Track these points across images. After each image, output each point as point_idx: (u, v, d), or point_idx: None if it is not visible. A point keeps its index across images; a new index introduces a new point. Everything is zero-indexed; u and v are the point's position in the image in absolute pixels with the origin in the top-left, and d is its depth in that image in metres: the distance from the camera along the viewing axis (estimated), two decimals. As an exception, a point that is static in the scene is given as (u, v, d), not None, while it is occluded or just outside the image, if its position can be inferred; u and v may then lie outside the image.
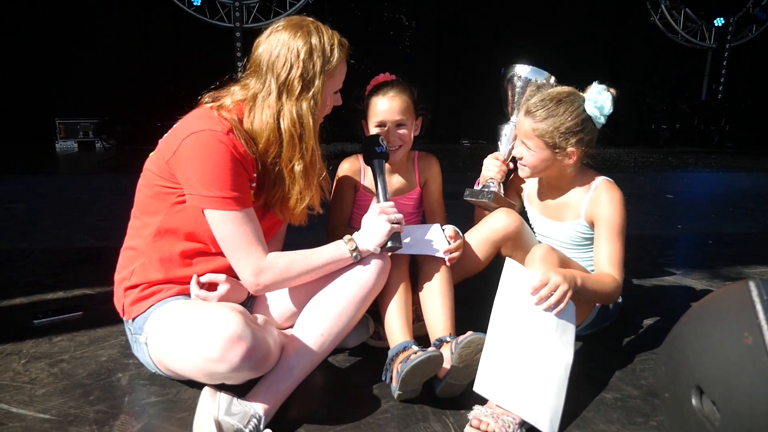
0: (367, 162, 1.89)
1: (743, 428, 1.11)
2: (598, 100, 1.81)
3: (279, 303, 1.76)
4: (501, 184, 2.04)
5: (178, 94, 7.22)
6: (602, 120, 1.85)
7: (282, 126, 1.55)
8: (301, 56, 1.53)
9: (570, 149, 1.83)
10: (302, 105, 1.55)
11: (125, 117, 8.04)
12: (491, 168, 2.03)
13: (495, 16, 9.31)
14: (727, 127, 10.34)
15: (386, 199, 1.75)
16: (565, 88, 1.88)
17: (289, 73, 1.53)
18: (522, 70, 2.09)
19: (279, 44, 1.55)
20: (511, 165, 2.03)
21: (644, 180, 6.40)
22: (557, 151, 1.84)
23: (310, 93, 1.55)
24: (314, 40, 1.55)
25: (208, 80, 1.70)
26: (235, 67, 8.18)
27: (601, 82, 1.85)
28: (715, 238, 3.75)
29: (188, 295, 1.63)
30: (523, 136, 1.88)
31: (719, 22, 10.31)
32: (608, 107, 1.82)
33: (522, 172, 1.95)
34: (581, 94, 1.86)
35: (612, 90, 1.84)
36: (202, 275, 1.63)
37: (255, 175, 1.60)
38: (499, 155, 2.03)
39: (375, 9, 8.98)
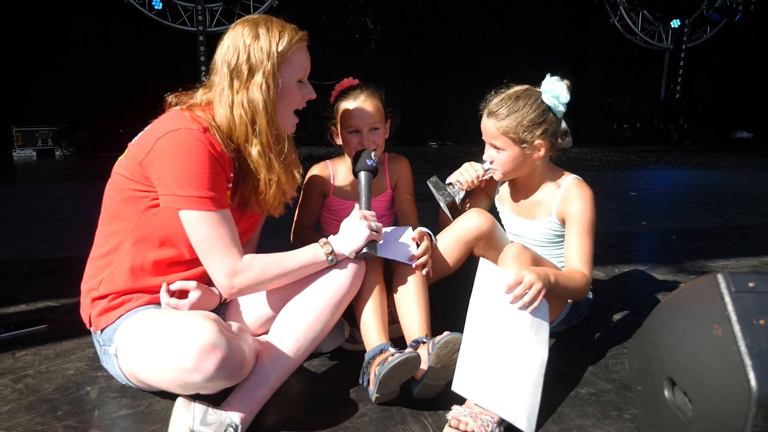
0: (356, 173, 1.90)
1: (715, 418, 1.13)
2: (554, 89, 1.87)
3: (253, 309, 1.73)
4: (464, 192, 2.03)
5: (141, 99, 7.07)
6: (561, 108, 1.90)
7: (235, 114, 1.55)
8: (248, 42, 1.54)
9: (537, 142, 1.86)
10: (252, 89, 1.54)
11: (86, 124, 7.83)
12: (465, 174, 1.99)
13: (459, 19, 9.40)
14: (685, 125, 10.67)
15: (368, 209, 1.75)
16: (521, 86, 1.92)
17: (237, 60, 1.54)
18: None
19: (230, 38, 1.57)
20: (482, 185, 2.05)
21: (608, 178, 6.54)
22: (525, 146, 1.86)
23: (258, 77, 1.54)
24: (261, 29, 1.56)
25: (171, 85, 1.67)
26: (198, 72, 8.07)
27: (553, 75, 1.90)
28: (678, 233, 3.85)
29: (159, 304, 1.59)
30: (489, 138, 1.90)
31: (675, 23, 10.63)
32: (564, 95, 1.87)
33: (496, 175, 1.96)
34: (536, 89, 1.91)
35: (566, 80, 1.90)
36: (171, 283, 1.60)
37: (232, 174, 1.58)
38: (480, 169, 2.00)
39: (340, 12, 8.98)
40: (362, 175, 1.87)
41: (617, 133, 10.48)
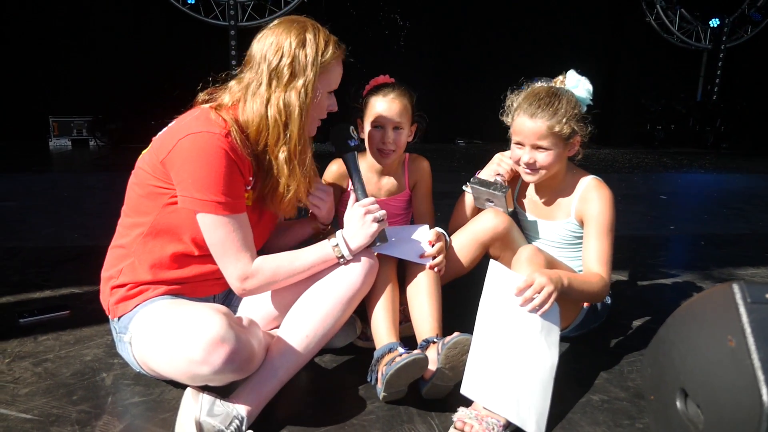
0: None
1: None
2: (583, 83, 1.89)
3: (266, 303, 1.74)
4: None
5: (172, 92, 7.17)
6: (589, 101, 1.92)
7: (269, 113, 1.54)
8: (293, 45, 1.54)
9: (577, 136, 1.87)
10: (290, 94, 1.54)
11: (119, 115, 8.01)
12: (503, 164, 2.00)
13: (490, 17, 9.30)
14: (722, 127, 10.36)
15: (365, 195, 1.72)
16: (544, 85, 1.91)
17: (279, 61, 1.53)
18: None
19: (273, 36, 1.56)
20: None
21: (638, 180, 6.41)
22: (569, 141, 1.86)
23: (299, 82, 1.54)
24: (308, 35, 1.56)
25: (203, 78, 1.68)
26: (229, 65, 8.15)
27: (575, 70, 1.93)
28: (708, 239, 3.75)
29: (175, 294, 1.61)
30: (536, 139, 1.83)
31: (714, 22, 10.33)
32: (591, 88, 1.91)
33: (533, 176, 1.90)
34: (557, 85, 1.91)
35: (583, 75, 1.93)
36: (191, 278, 1.63)
37: (250, 178, 1.59)
38: (510, 159, 1.99)
39: (370, 8, 8.97)
40: (349, 158, 1.76)
41: (650, 134, 10.24)
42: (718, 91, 10.65)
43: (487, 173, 2.03)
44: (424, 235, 1.87)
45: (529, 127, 1.83)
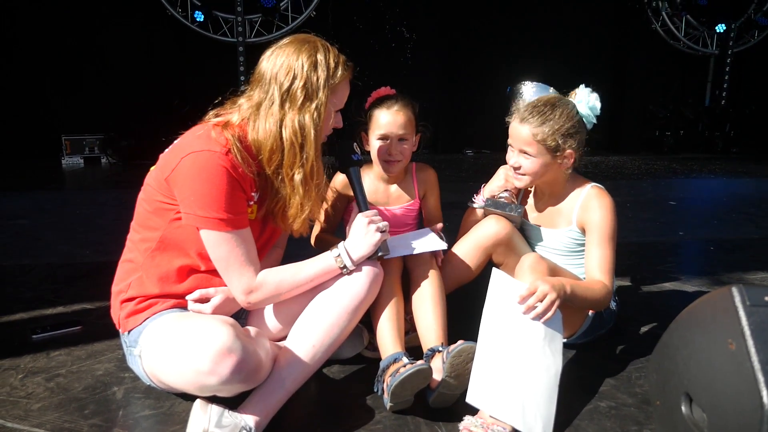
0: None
1: (730, 435, 1.10)
2: (590, 100, 1.89)
3: (274, 314, 1.77)
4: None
5: (183, 108, 7.28)
6: (593, 120, 1.91)
7: (284, 135, 1.56)
8: (305, 68, 1.55)
9: (568, 151, 1.86)
10: (305, 116, 1.55)
11: (130, 132, 8.10)
12: (510, 180, 2.02)
13: (497, 27, 9.34)
14: (732, 132, 10.28)
15: (367, 207, 1.75)
16: (553, 94, 1.91)
17: (292, 83, 1.55)
18: (527, 89, 2.12)
19: (284, 56, 1.57)
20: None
21: (647, 187, 6.38)
22: (557, 154, 1.86)
23: (313, 105, 1.56)
24: (320, 56, 1.57)
25: (212, 94, 1.71)
26: (238, 81, 8.24)
27: (587, 86, 1.92)
28: (717, 244, 3.73)
29: (184, 308, 1.64)
30: (522, 144, 1.88)
31: (721, 28, 10.29)
32: (598, 107, 1.90)
33: (520, 181, 1.95)
34: (567, 98, 1.92)
35: (595, 93, 1.92)
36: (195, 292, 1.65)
37: (253, 193, 1.61)
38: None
39: (378, 21, 9.04)
40: (353, 171, 1.79)
41: (659, 140, 10.18)
42: (726, 95, 10.59)
43: (492, 188, 2.05)
44: (431, 235, 1.91)
45: (517, 131, 1.87)
